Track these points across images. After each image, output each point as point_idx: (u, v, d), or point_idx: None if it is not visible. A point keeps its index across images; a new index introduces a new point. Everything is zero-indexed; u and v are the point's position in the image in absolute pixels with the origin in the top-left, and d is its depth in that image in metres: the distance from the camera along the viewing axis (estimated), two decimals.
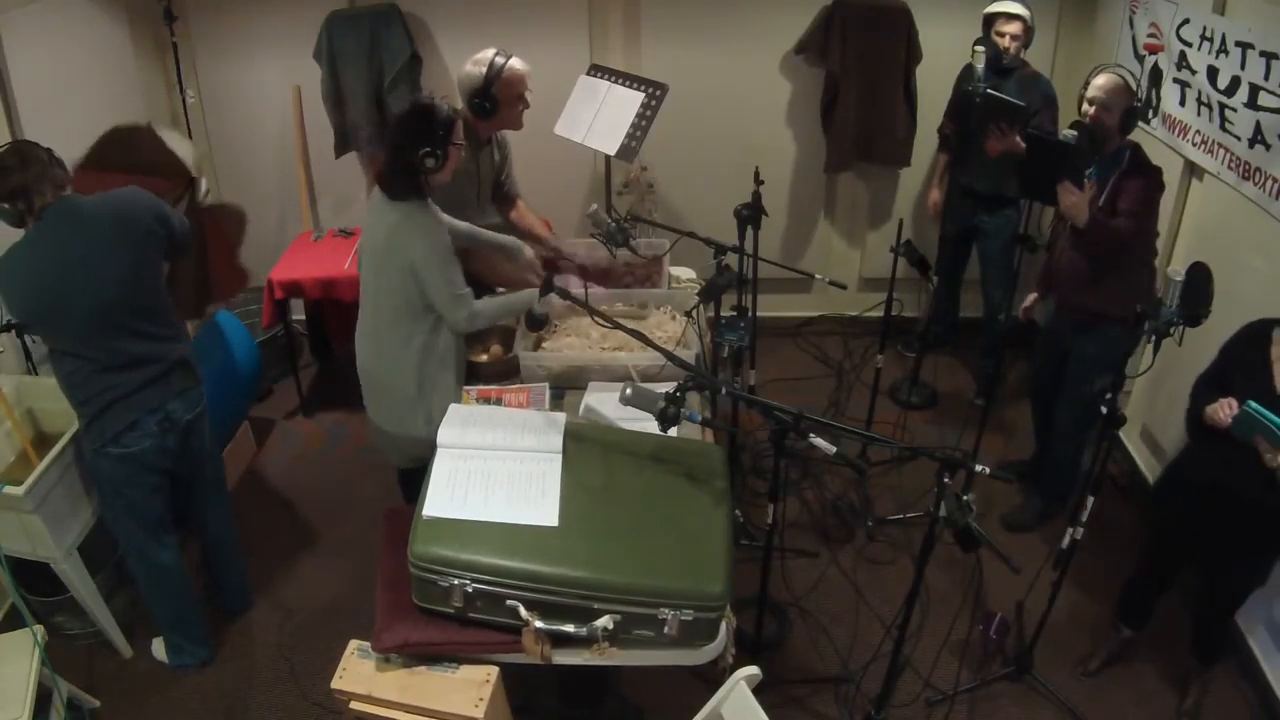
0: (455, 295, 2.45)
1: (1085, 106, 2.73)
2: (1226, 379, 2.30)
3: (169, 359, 2.50)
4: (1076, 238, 2.84)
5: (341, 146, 4.10)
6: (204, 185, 3.05)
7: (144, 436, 2.47)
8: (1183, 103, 3.14)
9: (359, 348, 2.65)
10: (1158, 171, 2.75)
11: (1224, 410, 2.17)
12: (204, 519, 2.88)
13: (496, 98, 2.79)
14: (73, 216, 2.32)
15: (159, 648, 2.89)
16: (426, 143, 2.35)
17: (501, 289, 3.07)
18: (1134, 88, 2.70)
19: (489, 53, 2.79)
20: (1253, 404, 2.09)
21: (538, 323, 2.61)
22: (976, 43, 3.35)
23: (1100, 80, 2.70)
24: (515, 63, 2.80)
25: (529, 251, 2.83)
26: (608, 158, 3.73)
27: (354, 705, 1.99)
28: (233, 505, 3.00)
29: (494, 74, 2.75)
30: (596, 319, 2.34)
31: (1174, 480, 2.63)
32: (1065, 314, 3.05)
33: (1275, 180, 2.66)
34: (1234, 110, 2.82)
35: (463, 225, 2.71)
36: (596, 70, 3.56)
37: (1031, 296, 3.20)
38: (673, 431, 2.07)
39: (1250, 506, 2.28)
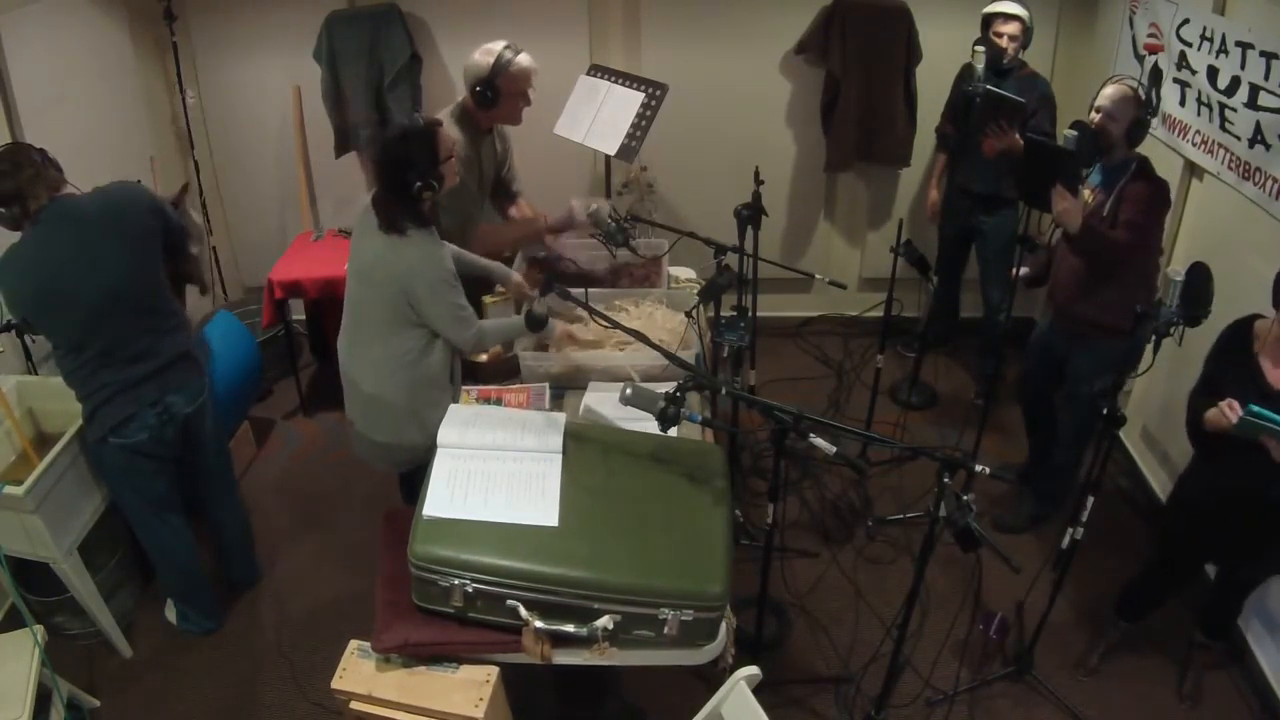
0: (461, 318, 2.41)
1: (1093, 114, 2.73)
2: (1217, 384, 2.29)
3: (169, 353, 2.53)
4: (1071, 243, 2.84)
5: (341, 146, 4.10)
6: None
7: (142, 429, 2.51)
8: (1183, 103, 3.14)
9: (341, 353, 2.59)
10: (1163, 185, 2.74)
11: (1227, 412, 2.13)
12: (210, 505, 2.94)
13: (500, 89, 2.79)
14: (69, 217, 2.33)
15: (170, 610, 2.98)
16: (418, 176, 2.28)
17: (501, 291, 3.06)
18: (1144, 99, 2.70)
19: (499, 44, 2.80)
20: (1253, 407, 2.07)
21: (538, 323, 2.60)
22: (976, 43, 3.35)
23: (1109, 90, 2.71)
24: (523, 58, 2.81)
25: (517, 277, 2.82)
26: (608, 158, 3.73)
27: (354, 705, 1.99)
28: (238, 490, 3.05)
29: (501, 66, 2.76)
30: (596, 319, 2.34)
31: (1188, 492, 2.60)
32: (1061, 322, 3.04)
33: (1275, 180, 2.66)
34: (1234, 110, 2.82)
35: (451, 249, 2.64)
36: (596, 70, 3.56)
37: (1024, 270, 3.17)
38: (673, 431, 2.07)
39: (1271, 502, 2.27)
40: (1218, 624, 2.71)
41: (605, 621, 1.91)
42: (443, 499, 2.03)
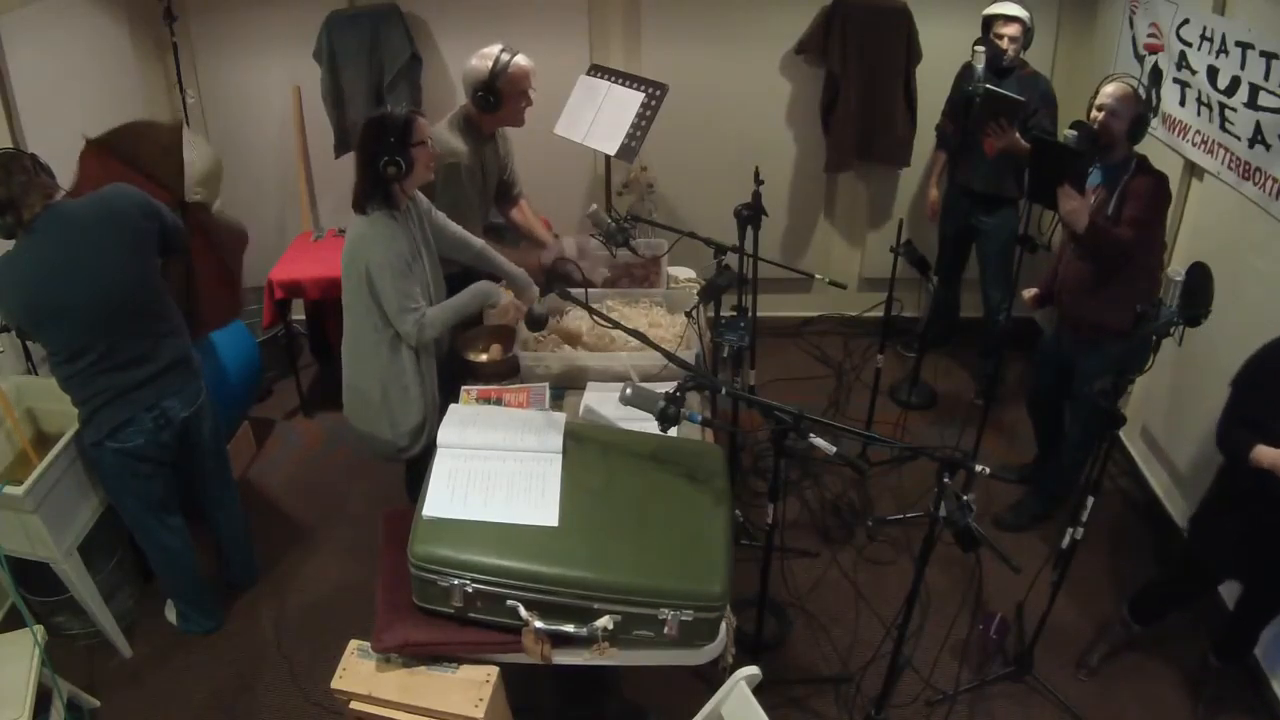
0: (405, 307, 2.42)
1: (1094, 113, 2.74)
2: (1260, 414, 2.23)
3: (166, 357, 2.52)
4: (1078, 244, 2.84)
5: (341, 146, 4.10)
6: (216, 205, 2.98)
7: (138, 433, 2.50)
8: (1183, 103, 3.14)
9: (342, 348, 2.65)
10: (1164, 179, 2.74)
11: None
12: (208, 507, 2.93)
13: (501, 92, 2.80)
14: (63, 224, 2.30)
15: (170, 610, 2.98)
16: (385, 152, 2.35)
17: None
18: (1144, 97, 2.70)
19: (495, 48, 2.80)
20: None
21: (538, 323, 2.60)
22: (976, 43, 3.35)
23: (1110, 88, 2.71)
24: (520, 59, 2.81)
25: (506, 296, 2.76)
26: (608, 158, 3.73)
27: (354, 705, 1.99)
28: (238, 493, 3.04)
29: (499, 69, 2.76)
30: (596, 319, 2.34)
31: (1217, 508, 2.56)
32: (1067, 325, 3.04)
33: (1275, 180, 2.65)
34: (1234, 110, 2.82)
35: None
36: (596, 70, 3.56)
37: (1031, 291, 3.18)
38: (673, 431, 2.07)
39: None
40: (1233, 649, 2.67)
41: (605, 622, 1.91)
42: (443, 499, 2.03)
